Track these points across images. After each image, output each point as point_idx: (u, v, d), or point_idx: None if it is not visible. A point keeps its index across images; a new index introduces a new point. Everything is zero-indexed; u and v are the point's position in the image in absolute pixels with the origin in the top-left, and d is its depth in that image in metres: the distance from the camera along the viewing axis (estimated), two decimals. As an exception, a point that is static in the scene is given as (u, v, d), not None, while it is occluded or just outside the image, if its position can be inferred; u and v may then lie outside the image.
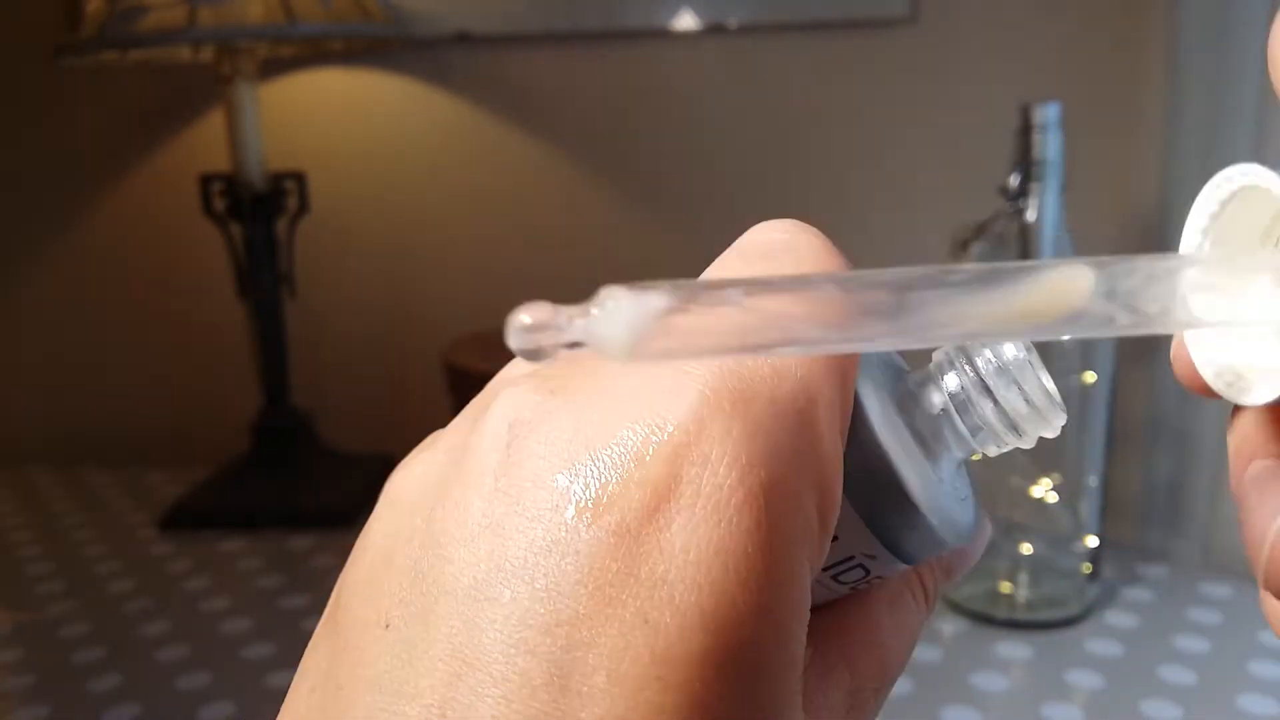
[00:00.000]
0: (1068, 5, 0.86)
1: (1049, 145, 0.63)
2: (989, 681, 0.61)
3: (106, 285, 1.07)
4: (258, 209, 0.88)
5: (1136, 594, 0.71)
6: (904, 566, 0.19)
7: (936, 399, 0.18)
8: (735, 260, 0.18)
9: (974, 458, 0.19)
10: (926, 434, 0.18)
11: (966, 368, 0.18)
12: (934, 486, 0.18)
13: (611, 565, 0.14)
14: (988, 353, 0.18)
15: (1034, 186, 0.63)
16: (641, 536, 0.14)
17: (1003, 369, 0.18)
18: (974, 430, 0.18)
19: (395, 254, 1.02)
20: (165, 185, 1.02)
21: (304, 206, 0.91)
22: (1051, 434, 0.18)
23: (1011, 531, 0.70)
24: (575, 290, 0.20)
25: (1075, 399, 0.66)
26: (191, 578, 0.78)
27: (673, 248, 0.97)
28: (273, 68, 0.98)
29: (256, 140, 0.87)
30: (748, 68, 0.93)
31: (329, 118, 1.00)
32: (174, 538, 0.85)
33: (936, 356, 0.19)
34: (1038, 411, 0.18)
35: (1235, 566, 0.76)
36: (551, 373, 0.17)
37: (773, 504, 0.15)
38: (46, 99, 1.03)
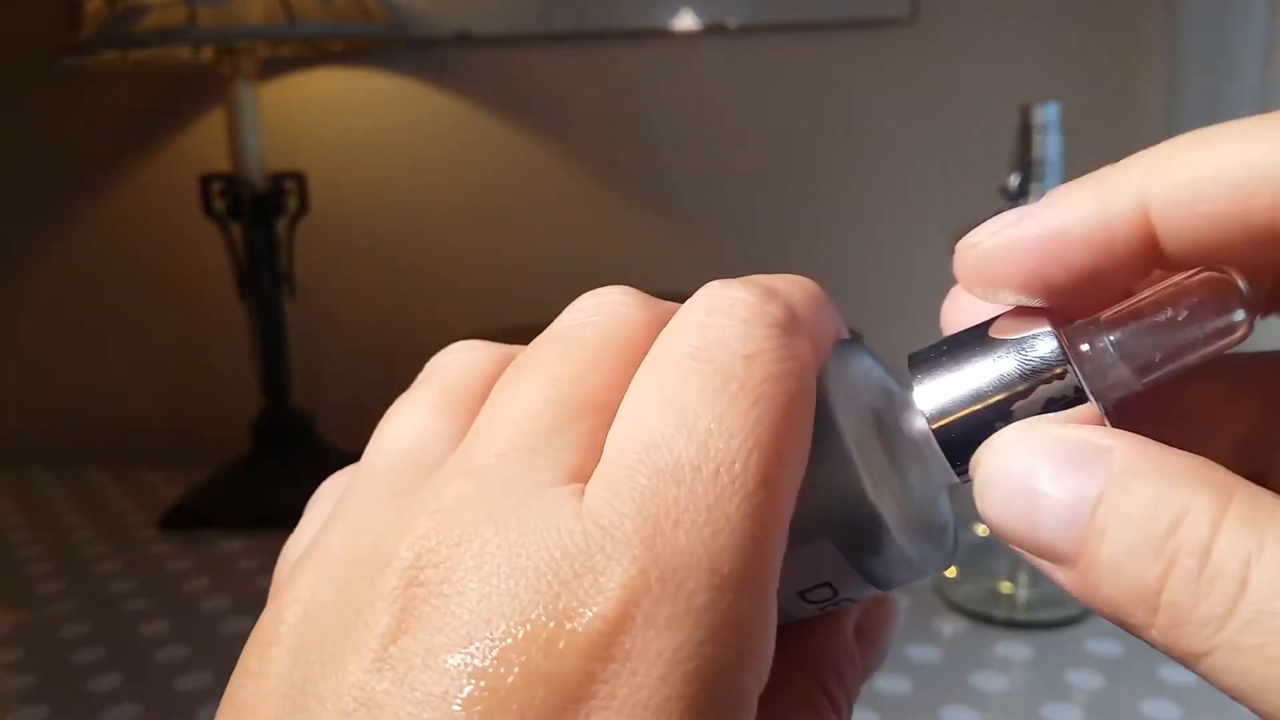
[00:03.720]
0: (1067, 6, 0.86)
1: (1049, 145, 0.63)
2: (989, 681, 0.61)
3: (106, 285, 1.07)
4: (258, 209, 0.88)
5: (1136, 594, 0.71)
6: (876, 591, 0.18)
7: (920, 423, 0.17)
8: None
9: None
10: (907, 459, 0.17)
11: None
12: (909, 514, 0.17)
13: None
14: None
15: (1034, 186, 0.63)
16: None
17: None
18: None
19: (395, 254, 1.02)
20: (165, 185, 1.02)
21: (304, 206, 0.90)
22: None
23: (1011, 531, 0.70)
24: (575, 289, 0.20)
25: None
26: (191, 578, 0.78)
27: (673, 246, 0.97)
28: (273, 68, 0.98)
29: (256, 140, 0.87)
30: (748, 68, 0.93)
31: (329, 118, 1.00)
32: (174, 538, 0.85)
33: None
34: None
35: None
36: (457, 507, 0.14)
37: (701, 695, 0.13)
38: (46, 99, 1.03)
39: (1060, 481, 0.13)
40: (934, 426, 0.16)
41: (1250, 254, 0.14)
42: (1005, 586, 0.69)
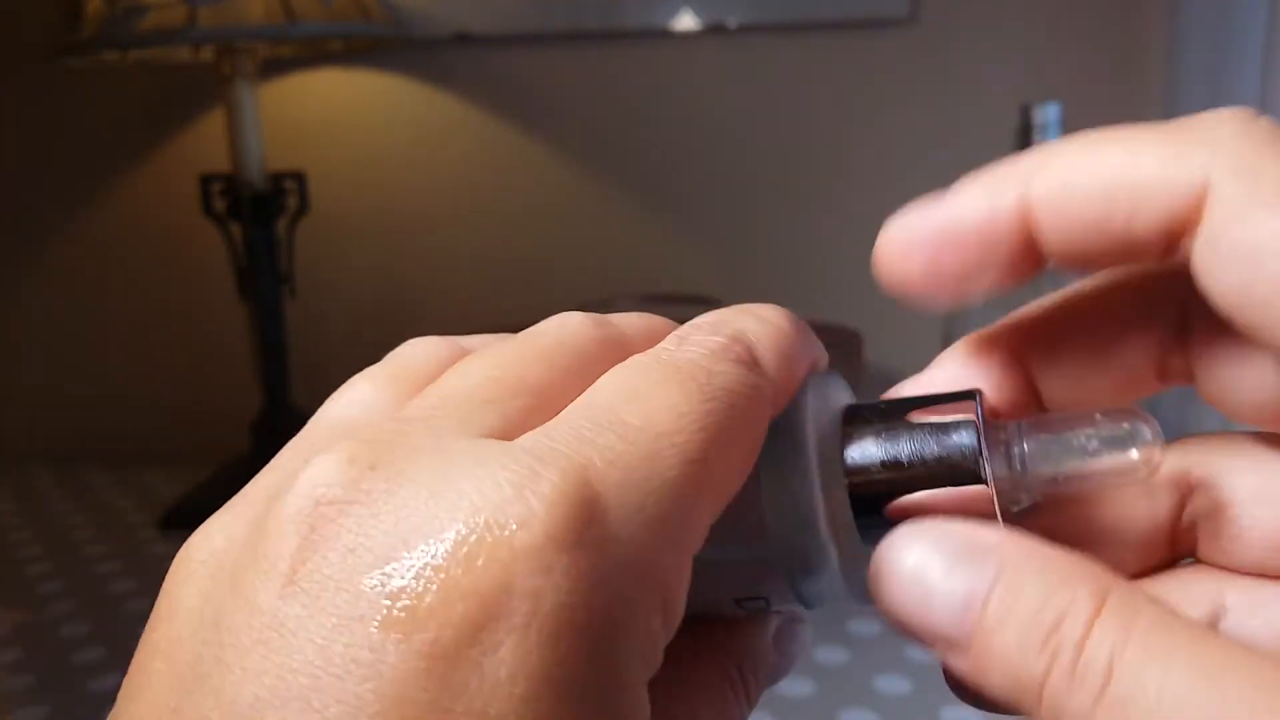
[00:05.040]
0: (1068, 6, 0.86)
1: (1049, 145, 0.63)
2: (989, 681, 0.61)
3: (107, 285, 1.07)
4: (258, 209, 0.88)
5: (1136, 594, 0.71)
6: (803, 608, 0.18)
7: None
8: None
9: None
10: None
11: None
12: (850, 546, 0.17)
13: (420, 695, 0.12)
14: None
15: (1034, 186, 0.63)
16: (460, 660, 0.12)
17: None
18: None
19: (395, 254, 1.02)
20: (165, 185, 1.02)
21: (304, 206, 0.91)
22: None
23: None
24: (574, 289, 0.20)
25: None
26: (191, 578, 0.78)
27: (673, 247, 0.97)
28: (273, 68, 0.98)
29: (256, 140, 0.87)
30: (748, 68, 0.93)
31: (329, 118, 1.00)
32: (174, 538, 0.85)
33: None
34: None
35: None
36: (375, 439, 0.14)
37: (617, 624, 0.13)
38: (46, 99, 1.03)
39: (952, 576, 0.14)
40: (850, 484, 0.17)
41: (1116, 260, 0.15)
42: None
